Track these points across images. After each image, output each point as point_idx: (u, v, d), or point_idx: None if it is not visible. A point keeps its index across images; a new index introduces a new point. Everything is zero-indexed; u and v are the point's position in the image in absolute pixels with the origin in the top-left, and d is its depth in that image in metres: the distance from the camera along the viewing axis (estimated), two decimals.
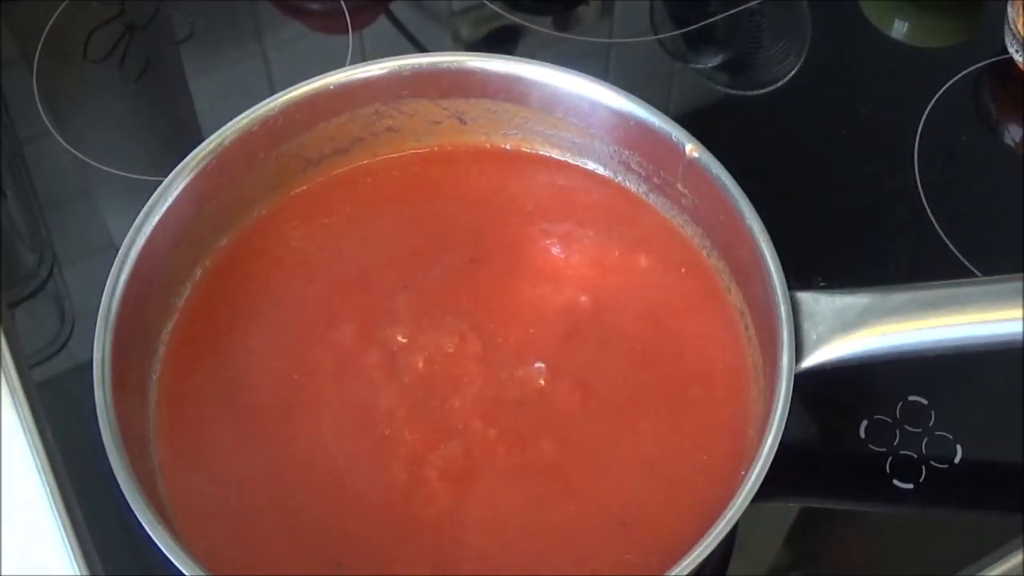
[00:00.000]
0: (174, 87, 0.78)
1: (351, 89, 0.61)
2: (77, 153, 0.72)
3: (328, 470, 0.54)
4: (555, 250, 0.61)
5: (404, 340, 0.57)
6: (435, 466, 0.54)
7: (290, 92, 0.60)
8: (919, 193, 0.69)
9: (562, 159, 0.64)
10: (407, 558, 0.52)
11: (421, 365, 0.57)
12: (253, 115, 0.60)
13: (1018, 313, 0.53)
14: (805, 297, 0.54)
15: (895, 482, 0.59)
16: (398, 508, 0.53)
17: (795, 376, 0.52)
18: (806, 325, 0.54)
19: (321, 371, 0.57)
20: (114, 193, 0.71)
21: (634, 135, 0.60)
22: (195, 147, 0.58)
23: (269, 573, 0.51)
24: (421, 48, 0.79)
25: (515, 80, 0.62)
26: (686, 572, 0.47)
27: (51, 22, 0.78)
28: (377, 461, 0.54)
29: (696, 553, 0.47)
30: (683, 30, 0.79)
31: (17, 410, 0.61)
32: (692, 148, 0.58)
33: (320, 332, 0.58)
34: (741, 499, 0.48)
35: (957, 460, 0.59)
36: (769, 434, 0.50)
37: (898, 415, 0.61)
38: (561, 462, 0.54)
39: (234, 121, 0.59)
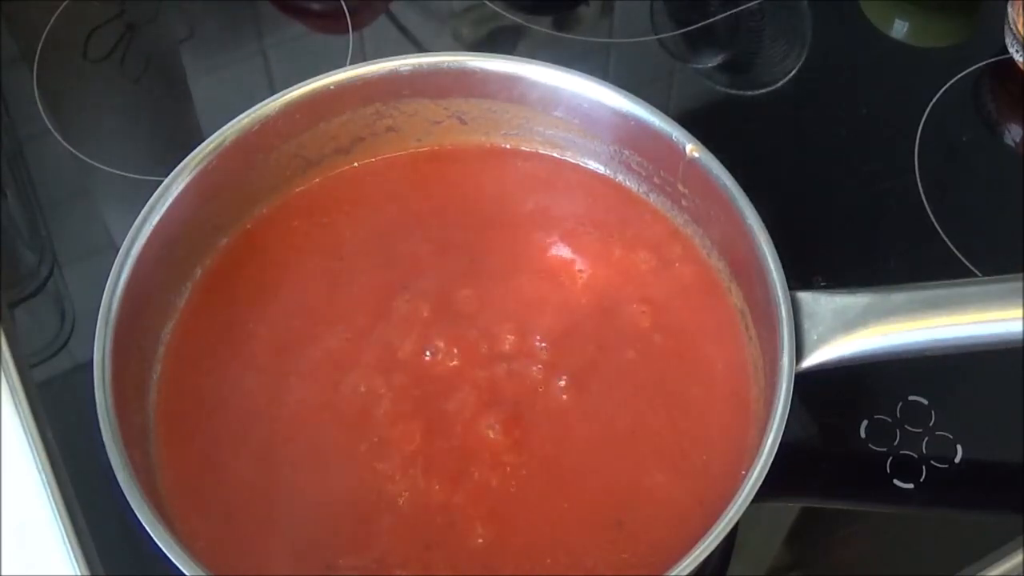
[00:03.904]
0: (174, 87, 0.78)
1: (351, 89, 0.61)
2: (77, 153, 0.72)
3: (324, 470, 0.54)
4: (555, 250, 0.61)
5: (403, 340, 0.57)
6: (431, 466, 0.54)
7: (290, 92, 0.60)
8: (919, 193, 0.69)
9: (562, 159, 0.64)
10: (400, 558, 0.52)
11: (419, 364, 0.57)
12: (253, 115, 0.60)
13: (1018, 313, 0.53)
14: (805, 297, 0.54)
15: (895, 482, 0.59)
16: (392, 508, 0.53)
17: (795, 376, 0.52)
18: (806, 325, 0.54)
19: (319, 371, 0.57)
20: (114, 193, 0.71)
21: (634, 135, 0.60)
22: (195, 147, 0.58)
23: (263, 573, 0.51)
24: (421, 48, 0.79)
25: (515, 80, 0.62)
26: (686, 572, 0.47)
27: (51, 22, 0.78)
28: (373, 461, 0.54)
29: (696, 553, 0.47)
30: (683, 30, 0.79)
31: (17, 410, 0.61)
32: (692, 148, 0.58)
33: (319, 332, 0.58)
34: (741, 499, 0.48)
35: (957, 460, 0.59)
36: (769, 434, 0.50)
37: (898, 415, 0.61)
38: (558, 461, 0.54)
39: (234, 121, 0.59)
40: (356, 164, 0.64)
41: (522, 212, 0.62)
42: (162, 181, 0.57)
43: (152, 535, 0.48)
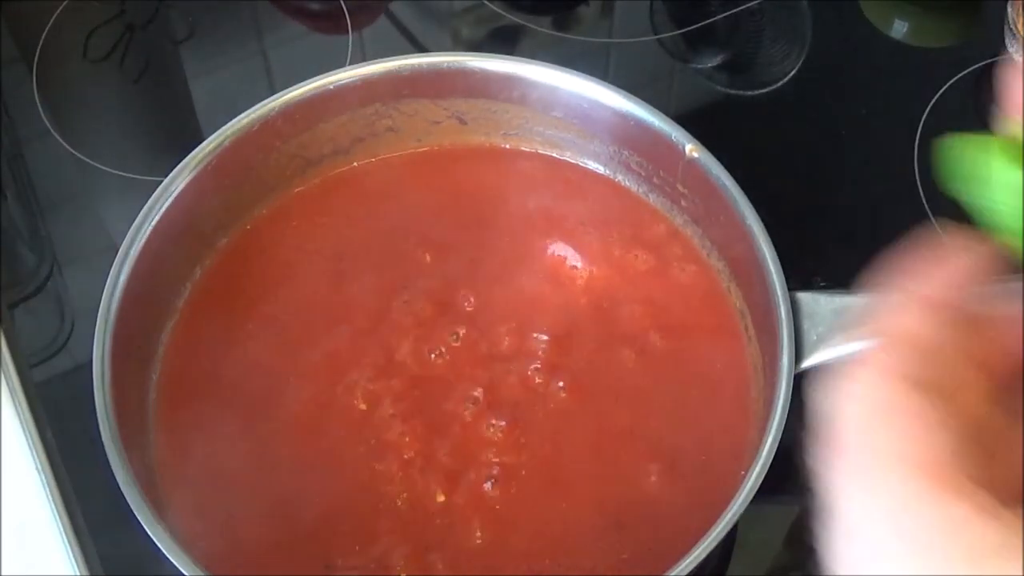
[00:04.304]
0: (174, 87, 0.78)
1: (351, 89, 0.61)
2: (77, 153, 0.72)
3: (323, 470, 0.54)
4: (555, 250, 0.61)
5: (402, 340, 0.57)
6: (430, 466, 0.54)
7: (290, 92, 0.60)
8: (919, 193, 0.69)
9: (562, 159, 0.64)
10: (399, 558, 0.52)
11: (419, 365, 0.57)
12: (253, 115, 0.60)
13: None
14: (805, 297, 0.54)
15: None
16: (391, 508, 0.53)
17: (795, 376, 0.52)
18: (806, 325, 0.54)
19: (319, 372, 0.57)
20: (114, 193, 0.71)
21: (634, 135, 0.60)
22: (195, 147, 0.58)
23: (263, 573, 0.51)
24: (421, 48, 0.79)
25: (515, 80, 0.62)
26: (686, 572, 0.47)
27: (51, 22, 0.78)
28: (372, 461, 0.54)
29: (696, 553, 0.47)
30: (683, 30, 0.79)
31: (17, 410, 0.61)
32: (692, 148, 0.58)
33: (319, 332, 0.58)
34: (741, 499, 0.48)
35: None
36: (769, 434, 0.50)
37: None
38: (558, 461, 0.54)
39: (234, 121, 0.59)
40: (356, 164, 0.64)
41: (522, 212, 0.62)
42: (162, 181, 0.57)
43: (152, 535, 0.48)
